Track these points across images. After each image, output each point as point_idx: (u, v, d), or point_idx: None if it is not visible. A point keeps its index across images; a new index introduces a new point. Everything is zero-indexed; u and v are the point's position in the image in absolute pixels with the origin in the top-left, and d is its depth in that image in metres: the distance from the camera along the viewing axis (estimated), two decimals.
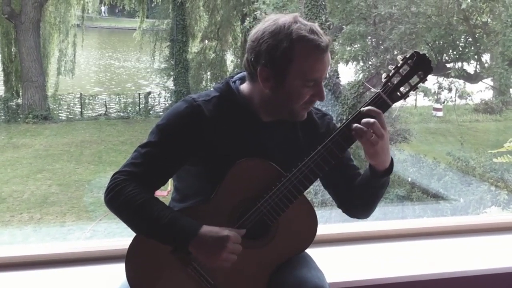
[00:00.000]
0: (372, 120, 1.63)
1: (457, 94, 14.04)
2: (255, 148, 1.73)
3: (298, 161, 1.69)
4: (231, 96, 1.76)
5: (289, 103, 1.71)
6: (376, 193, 1.81)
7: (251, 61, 1.69)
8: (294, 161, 1.70)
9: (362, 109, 1.67)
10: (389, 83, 1.67)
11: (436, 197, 11.40)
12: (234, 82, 1.80)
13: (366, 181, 1.78)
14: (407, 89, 1.68)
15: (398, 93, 1.68)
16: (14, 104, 16.95)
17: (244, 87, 1.78)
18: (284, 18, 1.68)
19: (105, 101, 17.97)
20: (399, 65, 1.67)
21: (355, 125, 1.64)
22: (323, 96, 1.70)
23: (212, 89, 1.81)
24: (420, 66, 1.66)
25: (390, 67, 1.68)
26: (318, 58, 1.66)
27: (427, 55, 1.66)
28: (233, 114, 1.74)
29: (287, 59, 1.64)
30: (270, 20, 1.69)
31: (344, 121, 1.68)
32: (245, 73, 1.78)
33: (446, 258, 2.52)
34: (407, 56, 1.67)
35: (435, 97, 13.58)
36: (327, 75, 1.73)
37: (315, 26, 1.68)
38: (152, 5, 19.86)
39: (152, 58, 20.02)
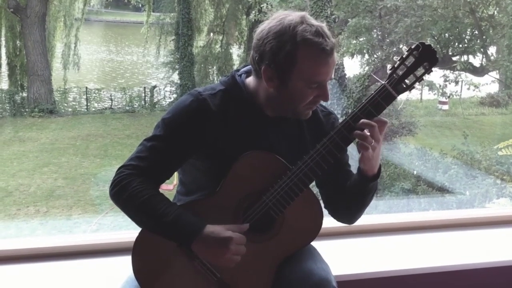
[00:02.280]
0: (372, 124, 1.64)
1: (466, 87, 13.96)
2: (260, 142, 1.73)
3: (302, 157, 1.68)
4: (237, 90, 1.75)
5: (293, 103, 1.70)
6: (363, 198, 1.80)
7: (256, 59, 1.68)
8: (298, 156, 1.69)
9: (366, 104, 1.67)
10: (394, 75, 1.66)
11: (442, 190, 11.37)
12: (240, 75, 1.79)
13: (354, 185, 1.78)
14: (412, 81, 1.67)
15: (404, 85, 1.66)
16: (19, 98, 16.99)
17: (250, 81, 1.77)
18: (290, 18, 1.64)
19: (110, 95, 17.99)
20: (404, 56, 1.65)
21: (356, 131, 1.65)
22: (327, 98, 1.68)
23: (218, 82, 1.80)
24: (425, 57, 1.64)
25: (395, 58, 1.67)
26: (322, 62, 1.63)
27: (432, 46, 1.65)
28: (238, 108, 1.73)
29: (291, 61, 1.62)
30: (276, 18, 1.66)
31: (349, 114, 1.68)
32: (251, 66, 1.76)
33: (451, 251, 2.52)
34: (413, 47, 1.65)
35: (440, 91, 13.50)
36: (333, 76, 1.71)
37: (322, 27, 1.64)
38: None
39: (157, 52, 20.00)
